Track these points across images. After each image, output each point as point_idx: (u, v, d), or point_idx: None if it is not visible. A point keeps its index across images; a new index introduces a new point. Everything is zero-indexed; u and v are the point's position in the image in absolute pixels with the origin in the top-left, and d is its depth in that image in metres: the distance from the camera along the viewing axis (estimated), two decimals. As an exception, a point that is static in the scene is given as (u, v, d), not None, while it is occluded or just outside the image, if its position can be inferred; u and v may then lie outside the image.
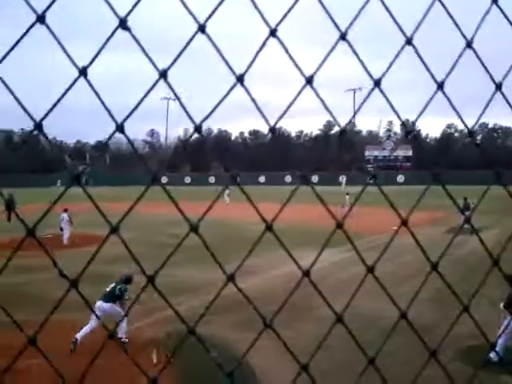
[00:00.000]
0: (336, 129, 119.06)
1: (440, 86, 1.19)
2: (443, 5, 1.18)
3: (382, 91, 1.18)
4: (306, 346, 1.41)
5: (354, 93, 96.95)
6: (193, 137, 1.19)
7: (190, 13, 1.05)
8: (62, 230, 28.24)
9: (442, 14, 1.34)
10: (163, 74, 1.04)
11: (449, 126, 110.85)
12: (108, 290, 12.72)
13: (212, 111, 1.13)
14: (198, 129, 1.10)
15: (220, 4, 1.08)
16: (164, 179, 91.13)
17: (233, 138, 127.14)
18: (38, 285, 17.67)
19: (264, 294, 15.97)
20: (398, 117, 1.26)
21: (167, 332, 12.89)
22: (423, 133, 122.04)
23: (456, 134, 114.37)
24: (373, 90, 1.16)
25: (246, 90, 1.09)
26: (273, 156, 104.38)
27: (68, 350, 11.32)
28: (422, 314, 12.95)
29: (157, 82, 1.05)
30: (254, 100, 1.10)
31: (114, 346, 9.07)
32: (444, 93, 1.22)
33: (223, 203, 44.91)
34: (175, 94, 1.08)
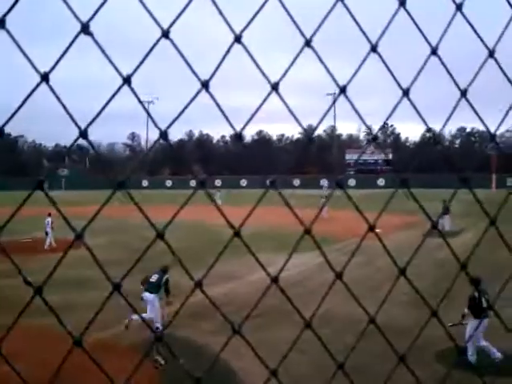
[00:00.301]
0: (316, 133, 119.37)
1: (406, 92, 1.20)
2: (408, 13, 1.19)
3: (347, 97, 1.19)
4: (285, 349, 1.41)
5: (334, 95, 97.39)
6: (159, 142, 1.17)
7: (154, 19, 1.04)
8: (46, 234, 27.88)
9: (409, 21, 1.36)
10: (127, 80, 1.03)
11: (428, 130, 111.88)
12: (153, 281, 13.06)
13: (176, 118, 1.12)
14: (162, 135, 1.09)
15: (184, 9, 1.07)
16: (145, 183, 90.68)
17: (214, 141, 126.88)
18: (7, 290, 17.34)
19: (242, 298, 15.97)
20: (364, 123, 1.27)
21: (143, 337, 12.80)
22: (402, 137, 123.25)
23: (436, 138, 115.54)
24: (338, 95, 1.17)
25: (212, 96, 1.09)
26: (255, 160, 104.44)
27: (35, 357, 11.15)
28: (401, 317, 13.07)
29: (120, 87, 1.04)
30: (218, 105, 1.10)
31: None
32: (410, 99, 1.23)
33: (208, 206, 44.63)
34: (139, 100, 1.07)
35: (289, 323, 14.22)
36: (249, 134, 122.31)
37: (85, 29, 0.99)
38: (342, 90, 1.18)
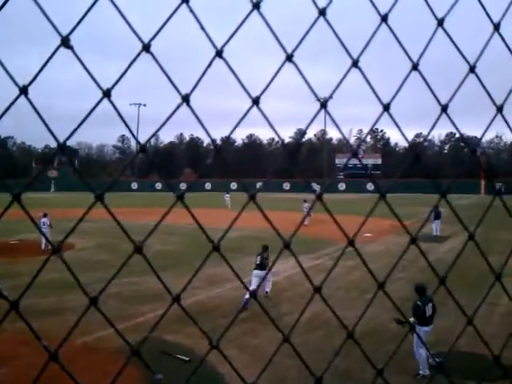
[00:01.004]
0: (307, 137, 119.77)
1: (386, 108, 1.21)
2: (390, 28, 1.20)
3: (327, 112, 1.19)
4: (280, 352, 1.40)
5: (325, 101, 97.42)
6: (138, 155, 1.17)
7: (135, 33, 1.04)
8: (43, 235, 27.61)
9: (393, 36, 1.36)
10: (107, 94, 1.03)
11: (417, 136, 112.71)
12: (258, 261, 17.13)
13: (157, 130, 1.12)
14: (142, 148, 1.09)
15: (166, 22, 1.07)
16: (134, 185, 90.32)
17: (205, 144, 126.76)
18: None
19: (230, 302, 15.97)
20: (341, 132, 1.27)
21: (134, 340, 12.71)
22: (392, 142, 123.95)
23: (425, 144, 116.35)
24: (319, 111, 1.17)
25: (192, 109, 1.08)
26: (245, 163, 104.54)
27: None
28: (388, 322, 13.08)
29: (100, 100, 1.04)
30: (197, 116, 1.10)
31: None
32: (390, 114, 1.23)
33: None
34: (119, 114, 1.07)
35: (279, 326, 14.16)
36: (239, 138, 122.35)
37: (65, 42, 0.99)
38: (323, 105, 1.19)
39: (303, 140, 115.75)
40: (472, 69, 1.29)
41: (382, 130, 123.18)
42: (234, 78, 1.20)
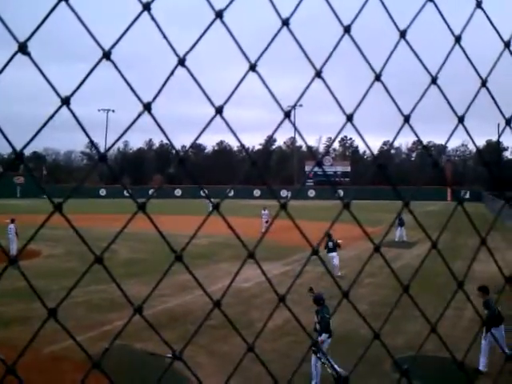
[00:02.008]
0: (276, 144, 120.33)
1: (349, 118, 1.21)
2: (353, 39, 1.21)
3: (292, 122, 1.20)
4: (245, 361, 1.39)
5: (294, 109, 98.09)
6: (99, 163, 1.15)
7: (95, 40, 1.02)
8: (10, 241, 27.03)
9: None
10: (65, 101, 1.01)
11: (385, 144, 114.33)
12: (330, 246, 21.97)
13: (117, 139, 1.10)
14: (102, 158, 1.07)
15: (128, 29, 1.06)
16: (102, 192, 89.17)
17: (174, 151, 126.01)
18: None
19: (201, 309, 15.84)
20: (305, 142, 1.28)
21: (101, 348, 12.53)
22: (361, 150, 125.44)
23: (392, 151, 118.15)
24: (282, 121, 1.18)
25: (153, 118, 1.07)
26: (215, 170, 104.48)
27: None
28: (364, 326, 13.18)
29: (58, 109, 1.02)
30: (158, 124, 1.08)
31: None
32: (353, 124, 1.24)
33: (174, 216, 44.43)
34: (77, 121, 1.04)
35: (248, 333, 14.12)
36: (209, 145, 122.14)
37: (22, 48, 0.96)
38: (287, 114, 1.19)
39: (273, 147, 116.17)
40: (434, 80, 1.32)
41: (350, 138, 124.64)
42: (199, 85, 1.20)
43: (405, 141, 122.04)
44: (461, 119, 1.38)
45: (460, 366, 1.47)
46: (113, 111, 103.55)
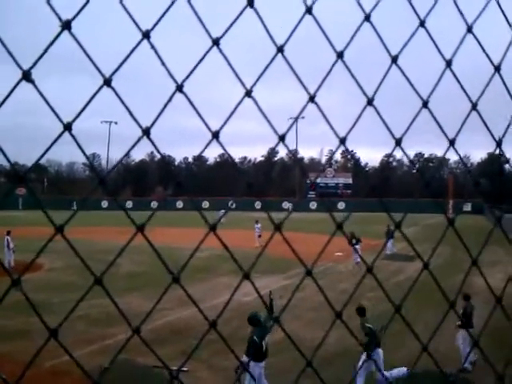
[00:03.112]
0: (279, 156, 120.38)
1: (342, 141, 1.25)
2: (346, 65, 1.25)
3: (284, 145, 1.23)
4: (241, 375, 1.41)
5: (297, 121, 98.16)
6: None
7: (95, 66, 1.07)
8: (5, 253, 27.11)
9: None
10: (67, 127, 1.05)
11: (386, 156, 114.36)
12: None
13: (115, 165, 1.14)
14: (101, 181, 1.10)
15: (128, 56, 1.10)
16: (104, 204, 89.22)
17: (177, 162, 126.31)
18: None
19: (202, 324, 15.78)
20: (284, 144, 1.31)
21: (99, 364, 12.50)
22: (363, 162, 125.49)
23: (394, 164, 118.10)
24: (277, 144, 1.21)
25: (152, 142, 1.11)
26: (217, 181, 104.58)
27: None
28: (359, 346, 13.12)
29: (60, 135, 1.05)
30: (157, 149, 1.12)
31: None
32: (346, 147, 1.28)
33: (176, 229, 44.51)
34: (81, 148, 1.08)
35: (243, 350, 14.20)
36: (211, 157, 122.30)
37: (26, 76, 1.00)
38: (281, 138, 1.22)
39: (275, 159, 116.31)
40: (425, 104, 1.35)
41: (352, 150, 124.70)
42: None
43: (407, 153, 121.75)
44: (452, 142, 1.41)
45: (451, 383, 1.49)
46: (115, 123, 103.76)
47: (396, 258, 28.30)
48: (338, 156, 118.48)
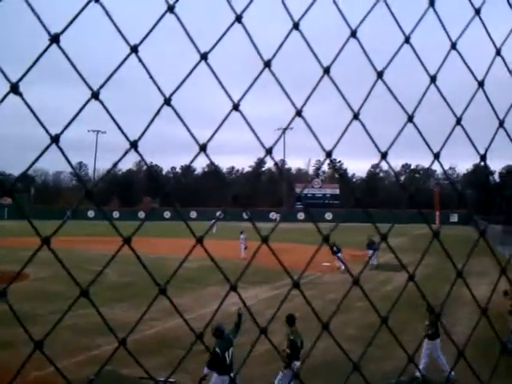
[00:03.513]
0: (266, 166, 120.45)
1: (329, 154, 1.27)
2: (332, 80, 1.27)
3: (272, 157, 1.25)
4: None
5: (284, 133, 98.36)
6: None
7: (84, 80, 1.07)
8: None
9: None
10: (55, 139, 1.05)
11: (373, 167, 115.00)
12: None
13: (100, 178, 1.15)
14: (87, 193, 1.11)
15: (117, 69, 1.11)
16: (91, 213, 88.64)
17: (164, 172, 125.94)
18: None
19: (188, 334, 15.66)
20: (272, 157, 1.32)
21: (86, 375, 12.37)
22: (350, 172, 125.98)
23: (381, 174, 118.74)
24: (265, 156, 1.22)
25: (140, 155, 1.11)
26: (205, 191, 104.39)
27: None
28: (350, 353, 13.12)
29: (48, 147, 1.06)
30: (145, 162, 1.13)
31: None
32: (332, 160, 1.30)
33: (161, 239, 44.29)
34: (68, 161, 1.08)
35: (236, 359, 14.13)
36: (199, 167, 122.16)
37: (14, 88, 1.01)
38: (269, 151, 1.24)
39: (263, 169, 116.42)
40: (410, 118, 1.38)
41: (339, 161, 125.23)
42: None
43: (393, 164, 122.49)
44: (436, 155, 1.43)
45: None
46: (103, 132, 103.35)
47: (384, 268, 28.40)
48: (325, 167, 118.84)
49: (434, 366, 11.83)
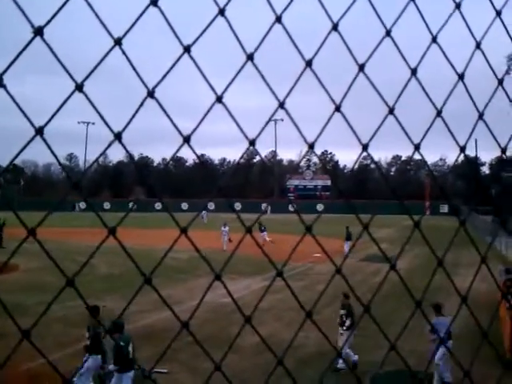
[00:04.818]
0: (258, 158, 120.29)
1: (311, 146, 1.29)
2: (314, 73, 1.29)
3: (255, 149, 1.27)
4: (221, 377, 1.44)
5: (276, 123, 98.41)
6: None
7: (69, 74, 1.09)
8: None
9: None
10: (39, 131, 1.07)
11: (365, 158, 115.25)
12: None
13: (86, 169, 1.16)
14: (75, 185, 1.12)
15: (100, 62, 1.12)
16: (82, 205, 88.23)
17: (155, 163, 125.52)
18: None
19: (178, 325, 15.71)
20: (255, 149, 1.35)
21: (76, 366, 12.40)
22: (341, 164, 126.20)
23: (372, 166, 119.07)
24: (247, 150, 1.24)
25: (124, 147, 1.13)
26: (196, 183, 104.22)
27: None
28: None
29: (33, 138, 1.07)
30: (130, 154, 1.15)
31: None
32: (315, 153, 1.32)
33: (153, 230, 44.26)
34: (52, 153, 1.10)
35: (227, 349, 14.06)
36: (191, 158, 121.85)
37: (1, 85, 1.02)
38: (252, 143, 1.26)
39: (254, 161, 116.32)
40: (391, 111, 1.40)
41: (330, 153, 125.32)
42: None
43: (384, 155, 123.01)
44: (417, 147, 1.46)
45: (419, 381, 1.54)
46: (93, 124, 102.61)
47: (373, 259, 28.59)
48: (315, 159, 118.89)
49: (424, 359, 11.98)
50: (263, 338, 1.46)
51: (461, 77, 1.52)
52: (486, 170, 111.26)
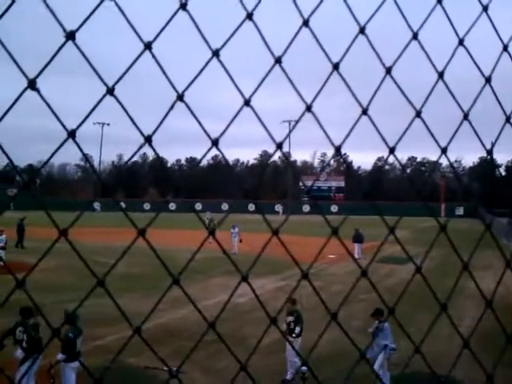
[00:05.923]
0: (272, 159, 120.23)
1: (337, 149, 1.29)
2: (341, 76, 1.29)
3: (282, 152, 1.27)
4: (240, 377, 1.45)
5: (289, 124, 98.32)
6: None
7: (99, 76, 1.10)
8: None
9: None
10: (71, 134, 1.08)
11: (379, 159, 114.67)
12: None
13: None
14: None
15: (130, 67, 1.14)
16: (96, 205, 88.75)
17: (169, 164, 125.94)
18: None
19: (193, 325, 15.76)
20: (282, 152, 1.35)
21: (93, 364, 12.49)
22: (355, 165, 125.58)
23: (387, 167, 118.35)
24: (274, 152, 1.25)
25: (154, 150, 1.14)
26: (210, 183, 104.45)
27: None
28: (356, 343, 13.14)
29: (65, 141, 1.09)
30: (159, 156, 1.16)
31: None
32: (341, 156, 1.32)
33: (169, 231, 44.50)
34: (89, 162, 1.11)
35: (242, 349, 14.11)
36: (204, 158, 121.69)
37: (31, 84, 1.04)
38: (279, 146, 1.26)
39: (269, 162, 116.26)
40: (418, 114, 1.40)
41: (345, 154, 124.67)
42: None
43: (399, 157, 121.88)
44: (444, 150, 1.46)
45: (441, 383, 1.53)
46: (108, 125, 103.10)
47: (387, 261, 28.37)
48: (330, 160, 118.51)
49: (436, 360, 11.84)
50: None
51: (488, 80, 1.51)
52: (502, 171, 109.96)
